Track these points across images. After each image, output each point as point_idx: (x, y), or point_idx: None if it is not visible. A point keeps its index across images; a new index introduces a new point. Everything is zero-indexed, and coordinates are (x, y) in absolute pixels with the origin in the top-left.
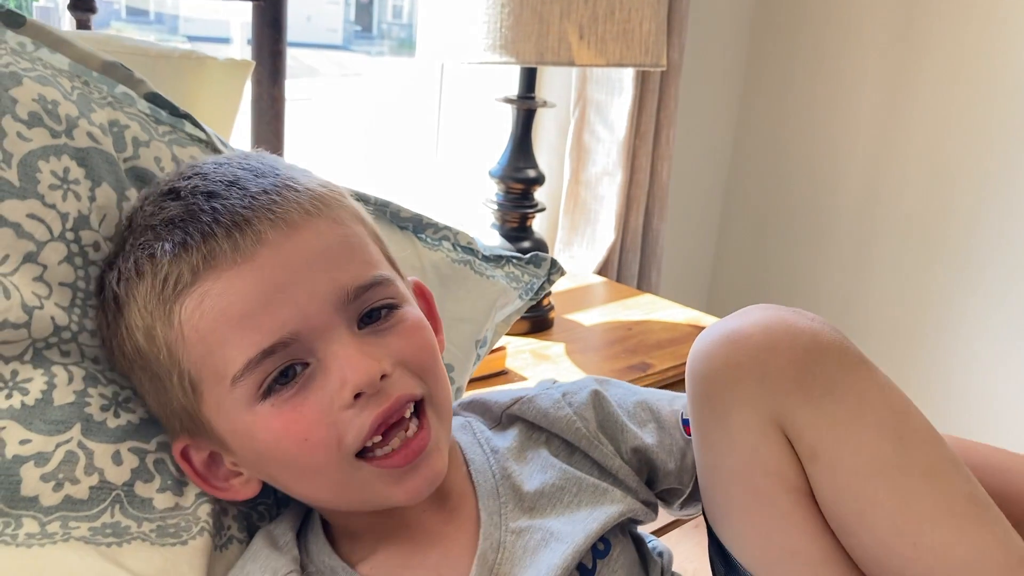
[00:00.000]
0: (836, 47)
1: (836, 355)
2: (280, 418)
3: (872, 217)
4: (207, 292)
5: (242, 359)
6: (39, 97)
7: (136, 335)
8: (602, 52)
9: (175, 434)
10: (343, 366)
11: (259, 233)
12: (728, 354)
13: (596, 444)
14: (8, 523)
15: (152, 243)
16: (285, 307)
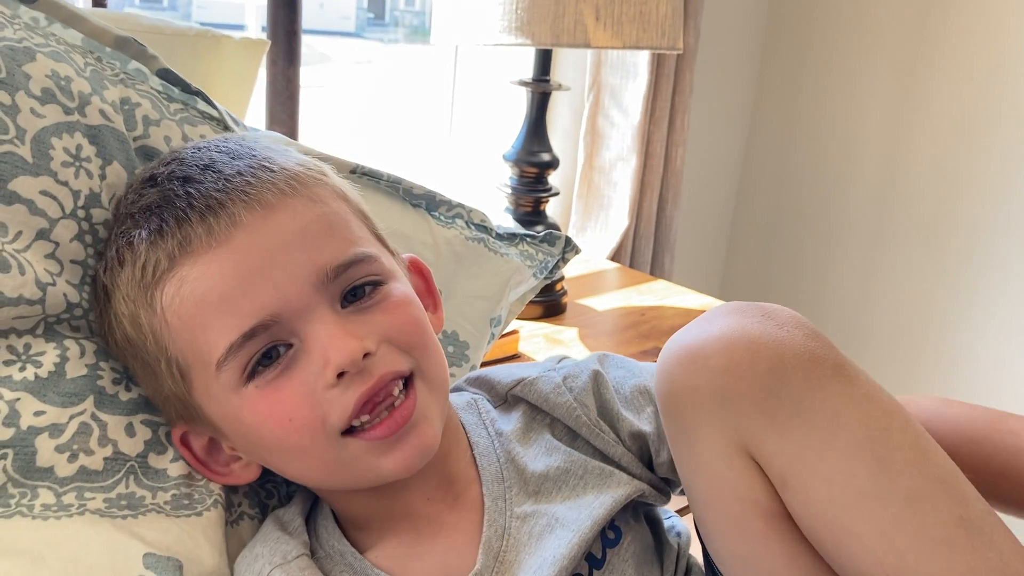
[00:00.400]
0: (851, 34)
1: (804, 371)
2: (264, 400)
3: (886, 202)
4: (185, 277)
5: (224, 343)
6: (52, 73)
7: (124, 323)
8: (618, 34)
9: (173, 420)
10: (325, 346)
11: (233, 216)
12: (687, 375)
13: (597, 432)
14: (24, 493)
15: (131, 231)
16: (264, 289)
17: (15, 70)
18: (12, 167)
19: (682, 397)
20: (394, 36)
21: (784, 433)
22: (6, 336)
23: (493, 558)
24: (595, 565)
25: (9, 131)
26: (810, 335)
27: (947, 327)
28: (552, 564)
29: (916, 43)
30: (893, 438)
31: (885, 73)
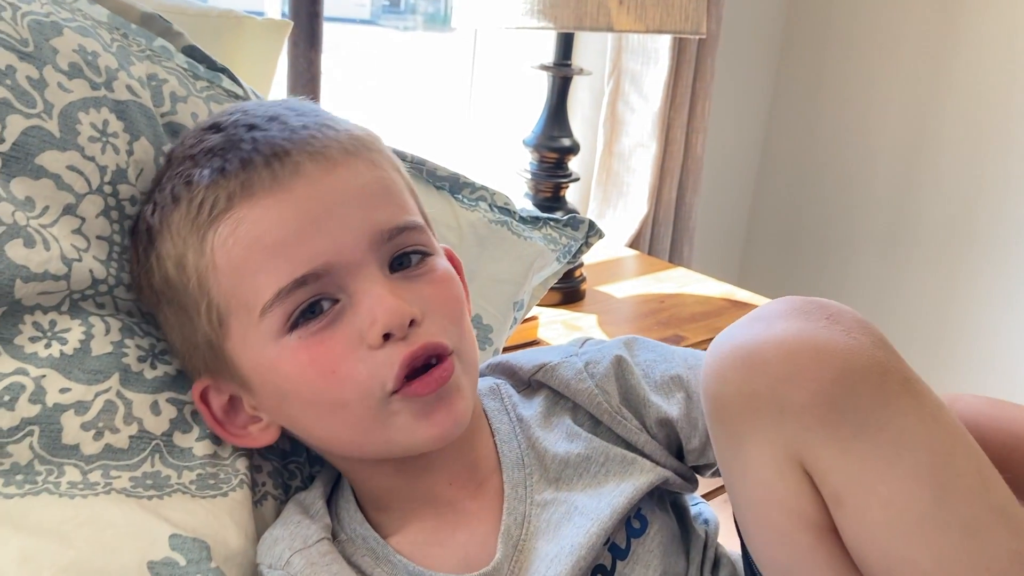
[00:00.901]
0: (873, 23)
1: (872, 384)
2: (307, 351)
3: (907, 191)
4: (242, 219)
5: (273, 288)
6: (79, 48)
7: (166, 264)
8: (641, 18)
9: (196, 373)
10: (373, 305)
11: (298, 164)
12: (743, 380)
13: (619, 419)
14: (51, 471)
15: (190, 170)
16: (320, 239)
17: (42, 44)
18: (40, 141)
19: (736, 402)
20: (408, 24)
21: (845, 450)
22: (31, 312)
23: (512, 547)
24: (619, 556)
25: (37, 105)
26: (878, 343)
27: (967, 323)
28: (570, 554)
29: (938, 33)
30: (957, 463)
31: (907, 61)
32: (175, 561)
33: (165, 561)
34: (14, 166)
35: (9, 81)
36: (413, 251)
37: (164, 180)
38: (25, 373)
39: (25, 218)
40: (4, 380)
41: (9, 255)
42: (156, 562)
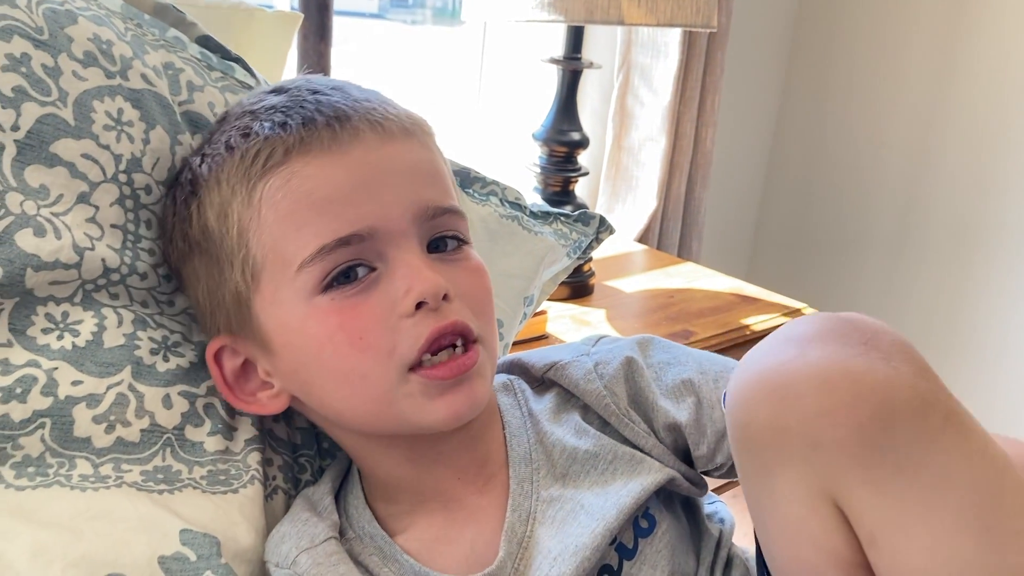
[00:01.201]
0: (883, 16)
1: (913, 420)
2: (338, 314)
3: (917, 188)
4: (296, 173)
5: (316, 244)
6: (94, 36)
7: (208, 213)
8: (652, 11)
9: (215, 331)
10: (410, 274)
11: (357, 130)
12: (774, 413)
13: (627, 422)
14: (63, 463)
15: (249, 123)
16: (368, 203)
17: (57, 32)
18: (54, 129)
19: (765, 435)
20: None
21: (882, 490)
22: (44, 304)
23: (516, 544)
24: (626, 556)
25: (51, 93)
26: (919, 372)
27: (976, 322)
28: (574, 554)
29: (949, 28)
30: (1005, 503)
31: (917, 56)
32: (185, 556)
33: (176, 556)
34: (29, 154)
35: (24, 69)
36: (451, 236)
37: (217, 134)
38: (37, 365)
39: (35, 207)
40: (17, 372)
41: (19, 245)
42: (167, 557)
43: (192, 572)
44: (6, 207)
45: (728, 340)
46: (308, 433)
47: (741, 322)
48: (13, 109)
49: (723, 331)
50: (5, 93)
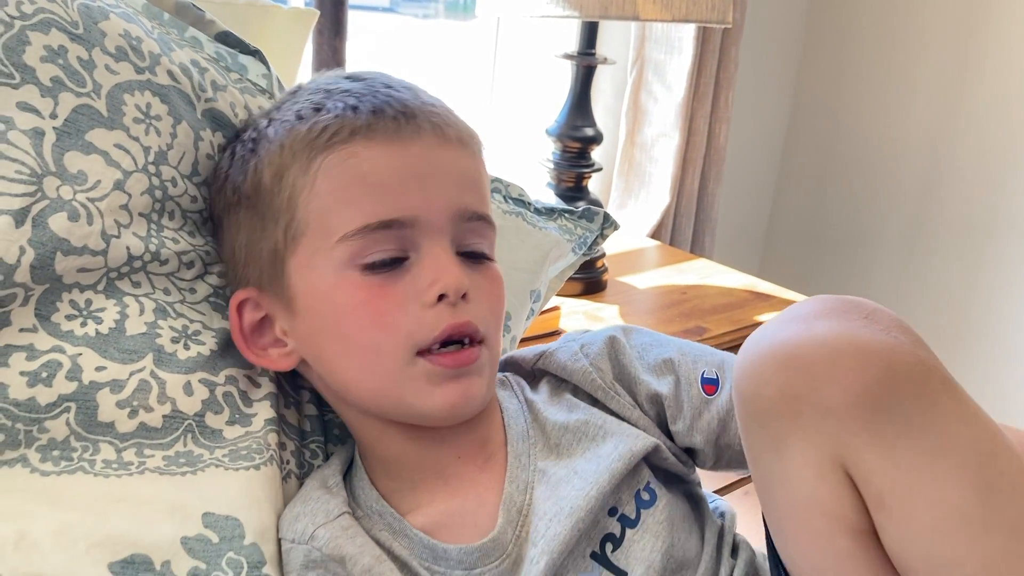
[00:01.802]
0: (897, 11)
1: (915, 384)
2: (366, 290)
3: (930, 186)
4: (356, 154)
5: (360, 221)
6: (125, 33)
7: (264, 172)
8: (668, 7)
9: (243, 282)
10: (438, 266)
11: (420, 128)
12: (784, 382)
13: (612, 395)
14: (87, 447)
15: (323, 99)
16: (415, 194)
17: (91, 27)
18: (89, 119)
19: (777, 404)
20: (430, 11)
21: (889, 451)
22: (69, 291)
23: (516, 512)
24: (629, 525)
25: (87, 84)
26: (916, 341)
27: (989, 318)
28: (569, 515)
29: (964, 24)
30: (999, 462)
31: (931, 52)
32: (208, 538)
33: (198, 538)
34: (67, 140)
35: (61, 60)
36: (480, 253)
37: (289, 103)
38: (62, 351)
39: (71, 192)
40: (42, 357)
41: (52, 228)
42: (189, 538)
43: (214, 553)
44: (43, 191)
45: (741, 337)
46: (317, 420)
47: (754, 319)
48: (51, 98)
49: (736, 328)
50: (44, 83)
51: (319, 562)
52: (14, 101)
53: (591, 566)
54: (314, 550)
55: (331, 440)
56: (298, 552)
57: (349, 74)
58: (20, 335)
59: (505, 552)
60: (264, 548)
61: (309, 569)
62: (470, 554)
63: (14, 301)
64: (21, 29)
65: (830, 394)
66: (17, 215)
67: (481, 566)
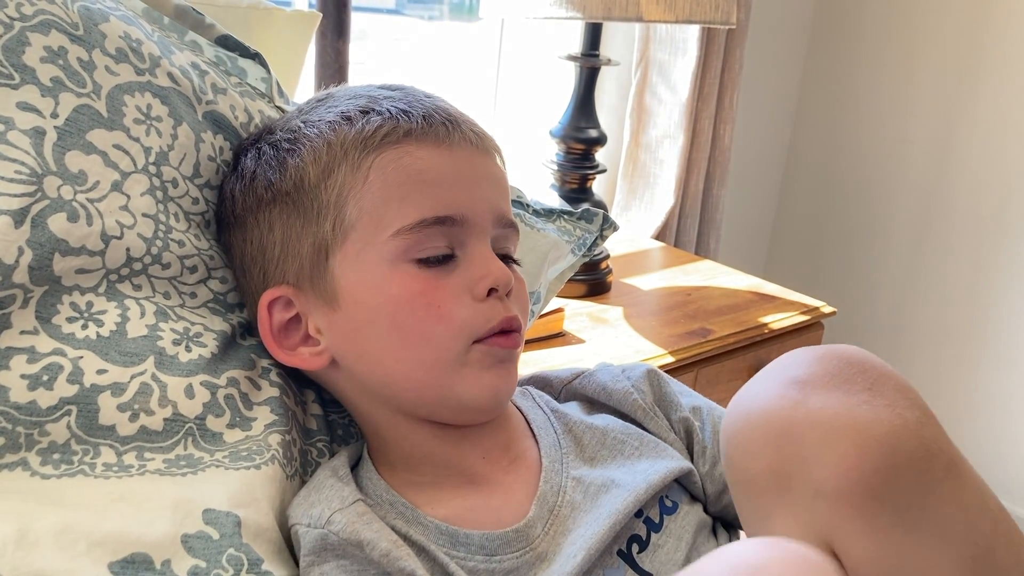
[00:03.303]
0: (902, 11)
1: (915, 472)
2: (422, 282)
3: (936, 187)
4: (409, 152)
5: (416, 216)
6: (125, 35)
7: (308, 170)
8: (671, 8)
9: (277, 279)
10: (487, 263)
11: (465, 135)
12: (774, 458)
13: (652, 416)
14: (87, 451)
15: (369, 104)
16: (466, 195)
17: (92, 28)
18: (89, 119)
19: (765, 479)
20: (433, 13)
21: (881, 540)
22: (70, 293)
23: (548, 511)
24: (653, 528)
25: (87, 85)
26: (923, 418)
27: (996, 318)
28: (608, 517)
29: (971, 24)
30: (997, 557)
31: (937, 53)
32: (208, 535)
33: (199, 535)
34: (68, 140)
35: (62, 61)
36: (511, 258)
37: (322, 108)
38: (63, 354)
39: (72, 191)
40: (43, 360)
41: (51, 228)
42: (190, 535)
43: (215, 550)
44: (43, 191)
45: (746, 338)
46: (322, 420)
47: (759, 320)
48: (52, 98)
49: (741, 329)
50: (44, 83)
51: (336, 546)
52: (14, 101)
53: (617, 563)
54: (331, 534)
55: (335, 440)
56: (314, 535)
57: (381, 85)
58: (21, 337)
59: (530, 544)
60: (263, 547)
61: (326, 551)
62: (493, 540)
63: (13, 303)
64: (21, 30)
65: (823, 476)
66: (16, 215)
67: (502, 553)
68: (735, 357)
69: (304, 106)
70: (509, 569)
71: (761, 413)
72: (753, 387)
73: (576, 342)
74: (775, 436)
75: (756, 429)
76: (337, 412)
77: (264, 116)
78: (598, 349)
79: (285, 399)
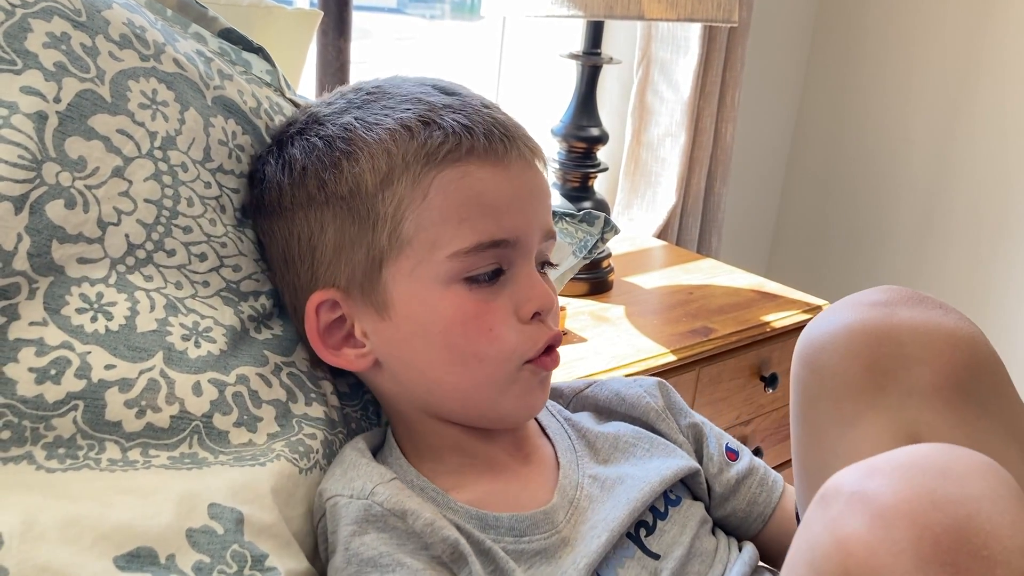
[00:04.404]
0: (905, 8)
1: (992, 372)
2: (474, 304)
3: (938, 184)
4: (471, 172)
5: (474, 239)
6: (128, 21)
7: (366, 177)
8: (673, 6)
9: (326, 284)
10: (533, 285)
11: (520, 151)
12: (874, 359)
13: (664, 418)
14: (92, 446)
15: (428, 114)
16: (519, 216)
17: (94, 14)
18: (92, 104)
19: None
20: (436, 11)
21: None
22: (79, 284)
23: (568, 502)
24: (659, 516)
25: (90, 70)
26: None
27: (1000, 316)
28: (626, 503)
29: (973, 23)
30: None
31: (940, 50)
32: (213, 529)
33: (203, 529)
34: (69, 125)
35: (65, 47)
36: (548, 263)
37: (379, 108)
38: (71, 348)
39: (70, 178)
40: (52, 353)
41: (49, 215)
42: (195, 529)
43: (219, 545)
44: (42, 177)
45: (747, 337)
46: (339, 412)
47: (761, 319)
48: (55, 82)
49: (742, 328)
50: (47, 67)
51: (379, 517)
52: (17, 86)
53: (627, 543)
54: (375, 505)
55: (350, 433)
56: (356, 506)
57: (434, 83)
58: (30, 328)
59: (555, 528)
60: (267, 543)
61: (368, 523)
62: (522, 521)
63: (19, 292)
64: (23, 17)
65: (920, 373)
66: (16, 201)
67: (531, 534)
68: (737, 356)
69: (355, 98)
70: (537, 550)
71: (858, 321)
72: (832, 311)
73: (578, 341)
74: (875, 339)
75: (855, 334)
76: (351, 405)
77: (272, 103)
78: (600, 348)
79: (291, 404)
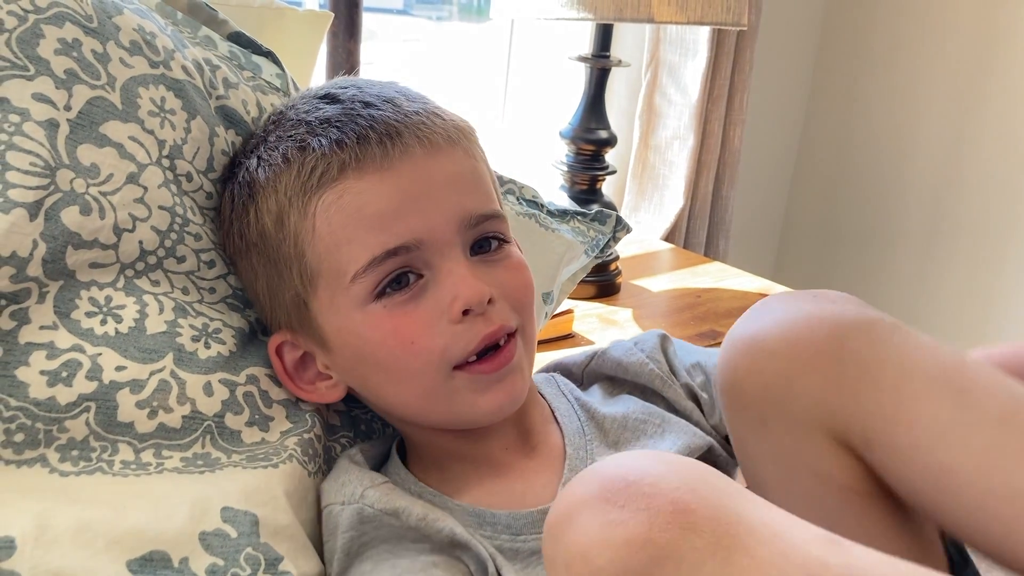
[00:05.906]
0: (913, 13)
1: (862, 332)
2: (391, 320)
3: (946, 187)
4: (348, 189)
5: (366, 256)
6: (139, 27)
7: (265, 220)
8: (683, 9)
9: (276, 326)
10: (457, 283)
11: (407, 146)
12: (751, 363)
13: (669, 383)
14: (105, 448)
15: (305, 136)
16: (416, 216)
17: (105, 21)
18: (103, 111)
19: (747, 385)
20: (442, 13)
21: (855, 395)
22: (88, 288)
23: None
24: None
25: (101, 77)
26: (863, 306)
27: (1007, 320)
28: None
29: (982, 27)
30: (968, 371)
31: (948, 54)
32: (226, 533)
33: (216, 532)
34: (80, 133)
35: (76, 53)
36: (493, 237)
37: (273, 140)
38: (82, 350)
39: (84, 185)
40: (62, 356)
41: (64, 222)
42: (208, 533)
43: (233, 548)
44: (56, 184)
45: None
46: (345, 416)
47: None
48: (65, 90)
49: None
50: (58, 75)
51: (372, 517)
52: (29, 92)
53: None
54: (367, 507)
55: (359, 436)
56: (350, 512)
57: (326, 92)
58: (40, 332)
59: None
60: (283, 544)
61: (363, 523)
62: (519, 519)
63: (30, 297)
64: (35, 23)
65: (789, 364)
66: (31, 208)
67: (527, 533)
68: None
69: (268, 125)
70: (534, 549)
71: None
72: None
73: (586, 344)
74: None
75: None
76: (361, 408)
77: None
78: None
79: (301, 403)
